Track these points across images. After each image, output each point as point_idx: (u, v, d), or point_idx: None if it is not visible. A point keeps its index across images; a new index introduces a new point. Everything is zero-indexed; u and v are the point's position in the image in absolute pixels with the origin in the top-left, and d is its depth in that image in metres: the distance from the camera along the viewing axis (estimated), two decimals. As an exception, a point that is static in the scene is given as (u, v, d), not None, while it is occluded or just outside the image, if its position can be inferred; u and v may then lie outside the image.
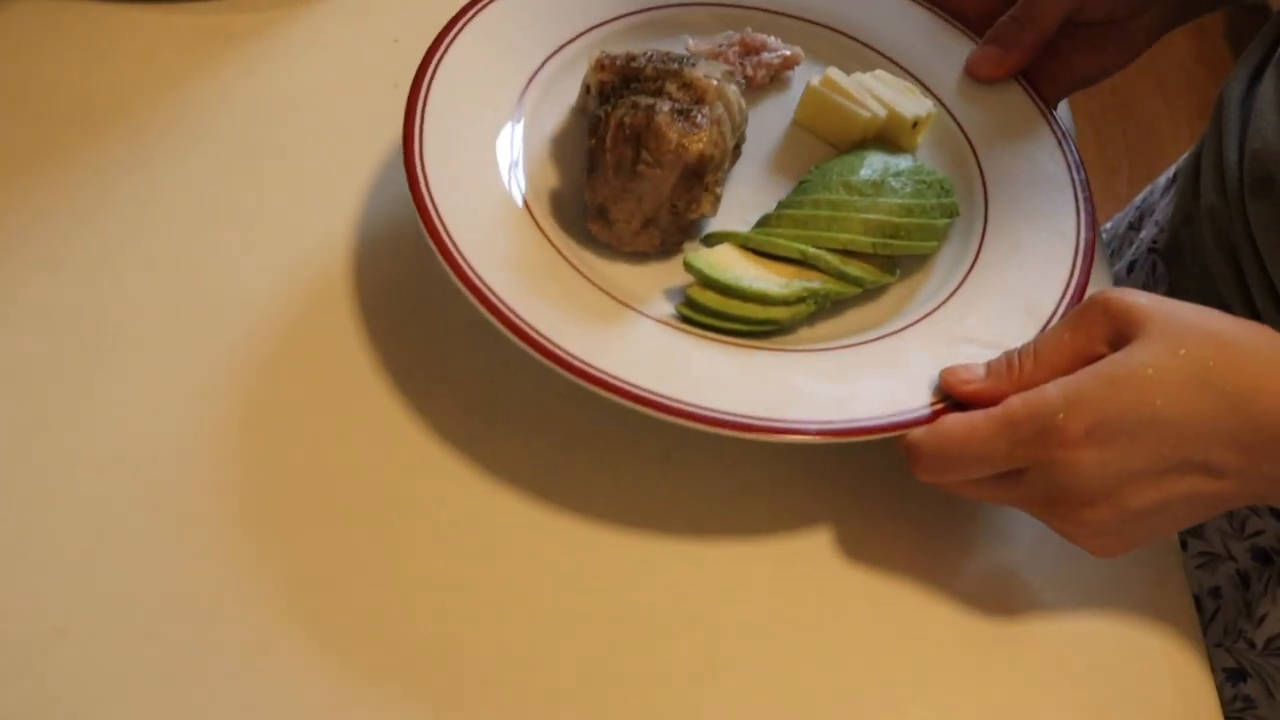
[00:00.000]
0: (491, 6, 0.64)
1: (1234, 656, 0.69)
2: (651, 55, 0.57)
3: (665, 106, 0.54)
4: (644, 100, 0.55)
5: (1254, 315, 0.65)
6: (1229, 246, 0.67)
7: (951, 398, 0.52)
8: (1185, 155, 0.78)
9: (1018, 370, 0.51)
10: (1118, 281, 0.77)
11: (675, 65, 0.57)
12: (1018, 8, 0.66)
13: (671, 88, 0.56)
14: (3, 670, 0.48)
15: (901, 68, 0.67)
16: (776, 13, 0.68)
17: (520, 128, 0.61)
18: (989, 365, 0.52)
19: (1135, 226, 0.84)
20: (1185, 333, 0.48)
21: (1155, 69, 2.32)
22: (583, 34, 0.65)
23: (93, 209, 0.62)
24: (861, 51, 0.68)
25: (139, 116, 0.66)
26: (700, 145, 0.54)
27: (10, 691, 0.47)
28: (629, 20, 0.66)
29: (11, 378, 0.55)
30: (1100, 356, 0.50)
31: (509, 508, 0.53)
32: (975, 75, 0.67)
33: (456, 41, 0.62)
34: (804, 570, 0.54)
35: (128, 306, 0.58)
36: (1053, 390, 0.48)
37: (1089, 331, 0.51)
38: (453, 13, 0.72)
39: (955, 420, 0.50)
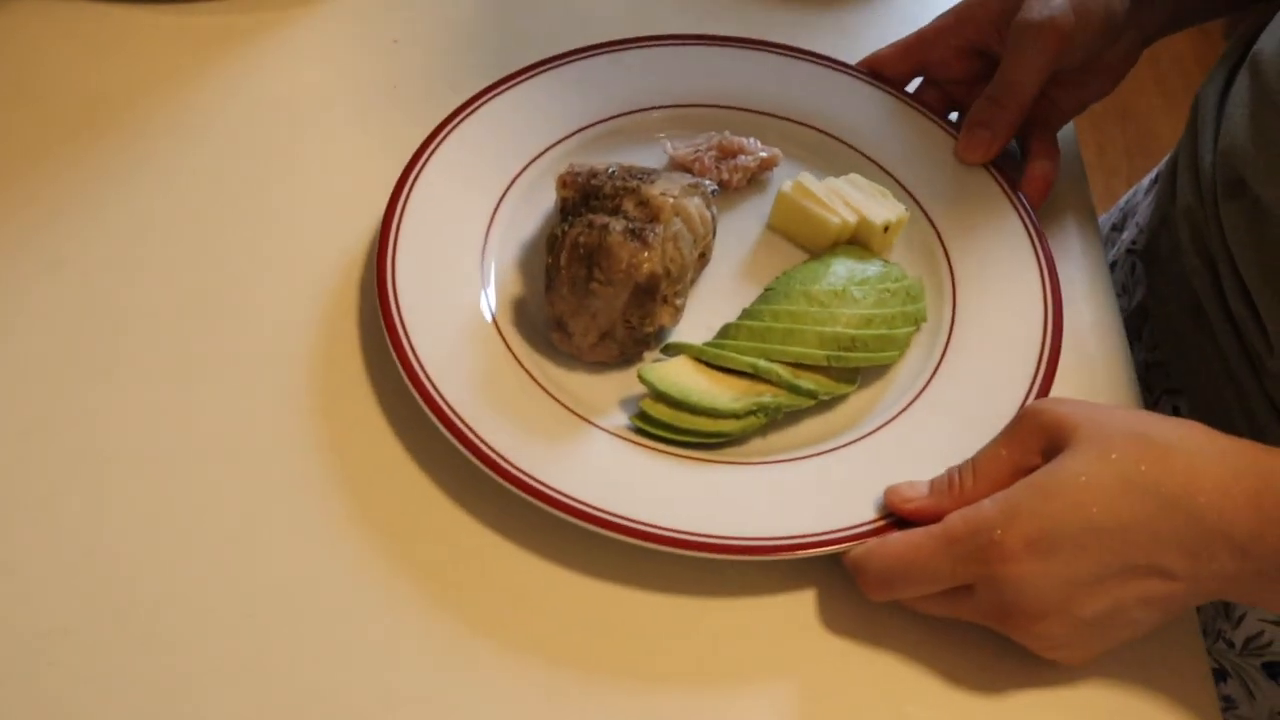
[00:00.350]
0: (474, 115, 0.66)
1: (1214, 657, 0.69)
2: (614, 171, 0.59)
3: (619, 226, 0.56)
4: (599, 219, 0.57)
5: (1228, 318, 0.65)
6: (1205, 248, 0.66)
7: (895, 515, 0.53)
8: (1166, 157, 0.77)
9: (958, 487, 0.52)
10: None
11: (634, 183, 0.58)
12: (993, 87, 0.66)
13: (628, 205, 0.57)
14: (5, 670, 0.49)
15: (879, 165, 0.67)
16: (756, 112, 0.69)
17: (498, 235, 0.63)
18: (932, 483, 0.53)
19: (1118, 227, 0.83)
20: (1114, 438, 0.48)
21: (1155, 69, 2.30)
22: (566, 138, 0.67)
23: (92, 208, 0.64)
24: (840, 150, 0.68)
25: (140, 116, 0.69)
26: (650, 265, 0.56)
27: (12, 691, 0.49)
28: (610, 124, 0.68)
29: (13, 378, 0.57)
30: (1036, 468, 0.50)
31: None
32: (966, 161, 0.67)
33: (439, 149, 0.65)
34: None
35: (128, 306, 0.61)
36: (989, 506, 0.49)
37: (1023, 444, 0.51)
38: (451, 16, 0.75)
39: (897, 539, 0.51)
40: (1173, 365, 0.70)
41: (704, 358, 0.57)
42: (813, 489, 0.54)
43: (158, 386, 0.58)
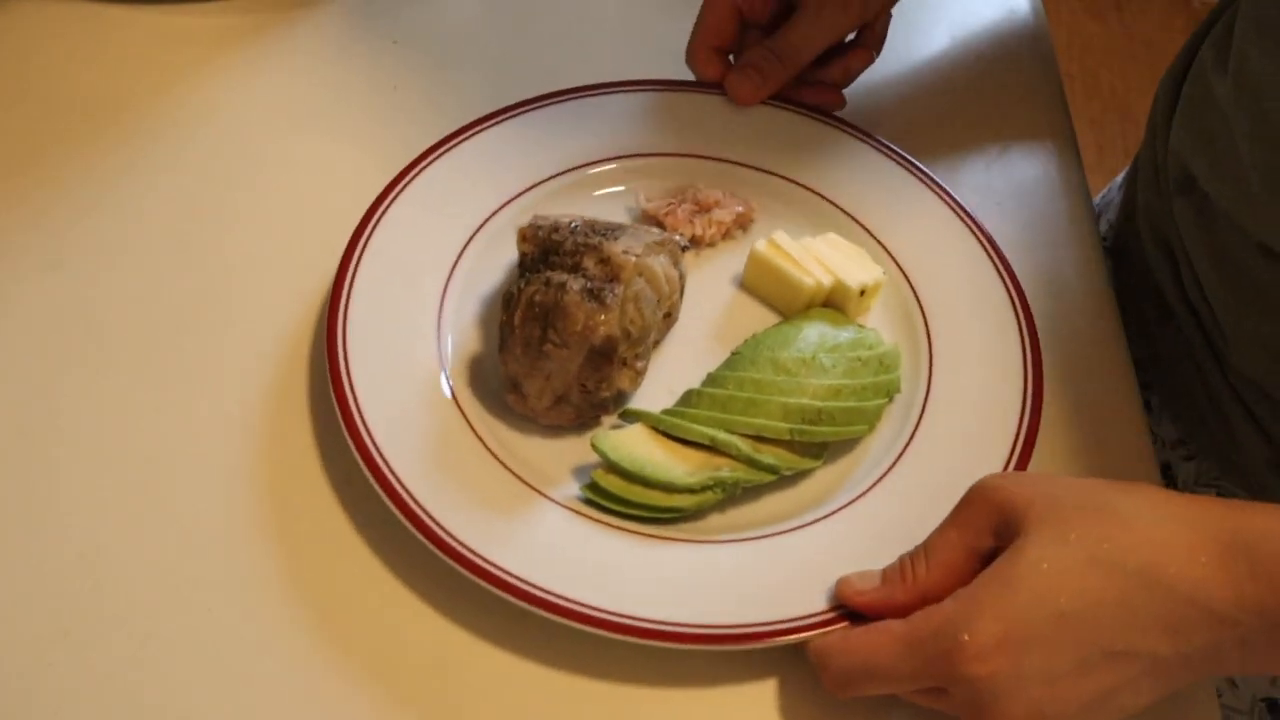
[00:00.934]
0: (440, 161, 0.64)
1: None
2: (576, 226, 0.56)
3: (576, 285, 0.54)
4: (557, 277, 0.54)
5: (1192, 312, 0.65)
6: (1165, 243, 0.66)
7: (848, 606, 0.50)
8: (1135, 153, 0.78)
9: (911, 575, 0.49)
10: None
11: (597, 239, 0.56)
12: (778, 40, 0.67)
13: (589, 263, 0.55)
14: (5, 670, 0.49)
15: (860, 224, 0.65)
16: (735, 163, 0.67)
17: (458, 287, 0.61)
18: (884, 572, 0.50)
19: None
20: (1071, 514, 0.46)
21: (1155, 72, 2.35)
22: (534, 186, 0.65)
23: (91, 209, 0.64)
24: (821, 205, 0.65)
25: (140, 117, 0.69)
26: (607, 327, 0.53)
27: (12, 691, 0.48)
28: (581, 173, 0.66)
29: (10, 379, 0.57)
30: (991, 549, 0.47)
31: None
32: (734, 100, 0.68)
33: (402, 195, 0.62)
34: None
35: (127, 306, 0.60)
36: (951, 605, 0.46)
37: (974, 525, 0.48)
38: (451, 17, 0.76)
39: (859, 637, 0.48)
40: (1143, 360, 0.69)
41: (661, 427, 0.55)
42: (774, 571, 0.52)
43: (155, 387, 0.58)
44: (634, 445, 0.54)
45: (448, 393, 0.56)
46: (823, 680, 0.49)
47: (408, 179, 0.63)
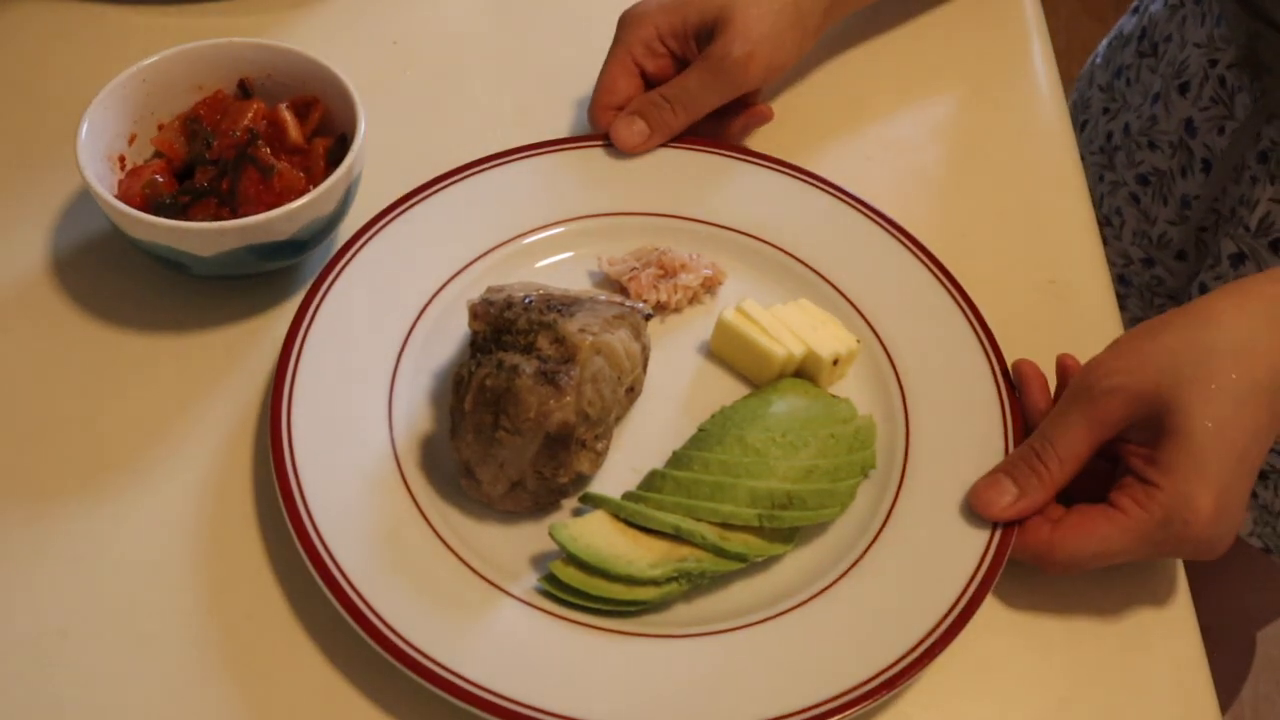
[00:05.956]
0: (392, 225, 0.61)
1: (1234, 241, 0.75)
2: (530, 301, 0.54)
3: (530, 368, 0.51)
4: (510, 359, 0.51)
5: None
6: None
7: (992, 520, 0.52)
8: None
9: (1048, 475, 0.53)
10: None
11: (551, 316, 0.53)
12: (666, 86, 0.66)
13: (543, 343, 0.52)
14: (5, 670, 0.49)
15: (834, 286, 0.62)
16: (703, 222, 0.64)
17: (410, 363, 0.58)
18: (1014, 477, 0.53)
19: None
20: (1195, 375, 0.50)
21: None
22: (491, 251, 0.62)
23: (83, 209, 0.64)
24: (793, 267, 0.63)
25: None
26: (563, 413, 0.50)
27: (12, 691, 0.49)
28: (541, 235, 0.63)
29: (12, 382, 0.58)
30: (1125, 441, 0.53)
31: None
32: (619, 145, 0.65)
33: (352, 262, 0.60)
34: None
35: (130, 312, 0.61)
36: (1163, 496, 0.50)
37: (1109, 422, 0.52)
38: (450, 17, 0.77)
39: (1083, 531, 0.51)
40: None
41: (623, 515, 0.52)
42: (743, 667, 0.49)
43: (157, 391, 0.58)
44: (594, 534, 0.51)
45: (398, 477, 0.54)
46: (1047, 569, 0.52)
47: (359, 244, 0.60)
